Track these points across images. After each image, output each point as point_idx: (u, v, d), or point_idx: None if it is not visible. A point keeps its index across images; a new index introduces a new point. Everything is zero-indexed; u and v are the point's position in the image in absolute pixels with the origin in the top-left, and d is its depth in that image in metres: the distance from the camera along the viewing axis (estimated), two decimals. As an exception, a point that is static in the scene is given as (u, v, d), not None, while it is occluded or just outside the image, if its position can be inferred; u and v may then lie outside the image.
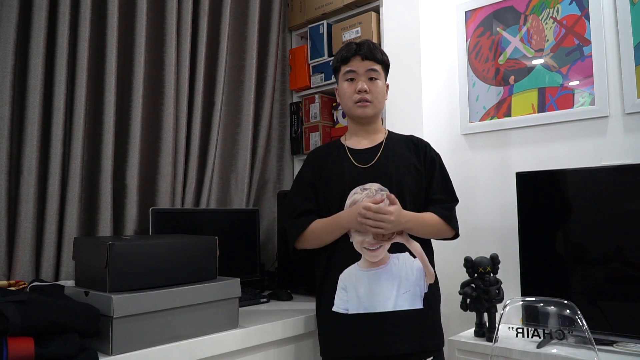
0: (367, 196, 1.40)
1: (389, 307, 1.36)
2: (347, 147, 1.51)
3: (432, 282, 1.43)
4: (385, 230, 1.35)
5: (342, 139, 1.56)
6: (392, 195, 1.35)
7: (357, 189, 1.42)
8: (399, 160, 1.46)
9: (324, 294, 1.45)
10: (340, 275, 1.40)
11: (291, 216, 1.51)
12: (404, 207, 1.38)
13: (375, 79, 1.46)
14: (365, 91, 1.45)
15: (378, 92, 1.47)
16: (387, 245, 1.38)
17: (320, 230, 1.44)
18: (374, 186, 1.41)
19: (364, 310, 1.37)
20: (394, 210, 1.33)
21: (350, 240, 1.40)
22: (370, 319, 1.36)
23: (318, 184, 1.49)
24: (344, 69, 1.48)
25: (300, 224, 1.47)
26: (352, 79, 1.47)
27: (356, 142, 1.52)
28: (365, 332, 1.36)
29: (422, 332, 1.38)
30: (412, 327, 1.36)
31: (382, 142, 1.50)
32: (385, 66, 1.51)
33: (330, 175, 1.46)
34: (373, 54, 1.46)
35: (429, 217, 1.43)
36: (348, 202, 1.41)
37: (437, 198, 1.47)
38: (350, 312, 1.38)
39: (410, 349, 1.36)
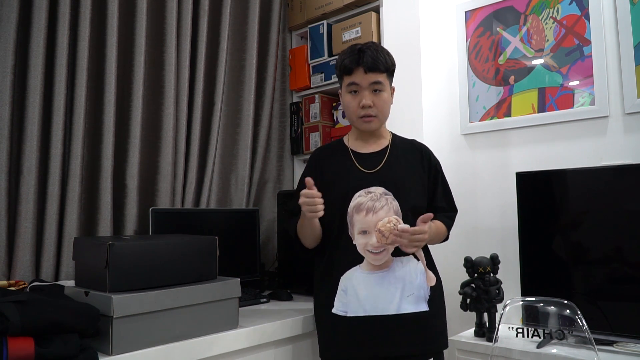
0: (371, 199, 1.39)
1: (392, 310, 1.35)
2: (351, 150, 1.50)
3: (432, 284, 1.42)
4: (419, 246, 1.36)
5: (345, 140, 1.54)
6: (426, 215, 1.33)
7: (362, 192, 1.41)
8: (403, 167, 1.46)
9: (323, 295, 1.44)
10: (342, 277, 1.39)
11: (288, 218, 1.55)
12: (407, 213, 1.39)
13: (380, 91, 1.42)
14: (370, 106, 1.41)
15: (382, 105, 1.43)
16: (391, 249, 1.37)
17: (300, 227, 1.47)
18: (379, 190, 1.40)
19: (363, 313, 1.36)
20: (428, 228, 1.33)
21: (354, 243, 1.40)
22: (372, 321, 1.35)
23: (320, 186, 1.43)
24: (347, 80, 1.43)
25: (292, 224, 1.51)
26: (355, 91, 1.43)
27: (360, 145, 1.50)
28: (366, 334, 1.35)
29: (427, 334, 1.38)
30: (417, 329, 1.36)
31: (387, 146, 1.49)
32: (390, 72, 1.46)
33: (333, 178, 1.46)
34: (376, 65, 1.39)
35: (440, 226, 1.47)
36: (352, 204, 1.40)
37: (440, 206, 1.50)
38: (349, 315, 1.37)
39: (414, 351, 1.36)
